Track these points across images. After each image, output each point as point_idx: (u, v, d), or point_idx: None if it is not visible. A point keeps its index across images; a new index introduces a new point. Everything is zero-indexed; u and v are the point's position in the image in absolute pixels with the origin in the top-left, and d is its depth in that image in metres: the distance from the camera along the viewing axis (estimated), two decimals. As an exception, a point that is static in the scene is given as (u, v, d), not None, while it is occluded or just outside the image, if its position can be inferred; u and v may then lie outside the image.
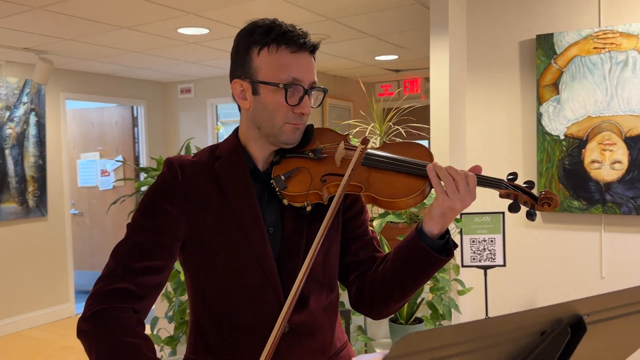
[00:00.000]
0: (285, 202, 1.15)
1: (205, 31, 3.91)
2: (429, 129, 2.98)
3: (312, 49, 1.15)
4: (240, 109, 1.20)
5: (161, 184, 1.16)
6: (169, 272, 1.17)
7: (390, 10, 3.52)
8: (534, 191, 1.13)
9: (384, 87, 6.81)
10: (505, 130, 3.04)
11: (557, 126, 2.88)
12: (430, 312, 2.57)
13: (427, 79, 6.71)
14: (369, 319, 2.69)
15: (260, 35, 1.12)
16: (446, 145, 2.93)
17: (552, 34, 2.86)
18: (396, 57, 5.13)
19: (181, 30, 3.88)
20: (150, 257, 1.11)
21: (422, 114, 3.33)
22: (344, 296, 1.54)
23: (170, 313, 2.14)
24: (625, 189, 2.72)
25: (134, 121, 6.37)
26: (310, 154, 1.17)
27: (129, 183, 6.27)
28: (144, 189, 2.62)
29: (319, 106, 1.19)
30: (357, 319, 2.65)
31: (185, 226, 1.14)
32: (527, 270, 3.00)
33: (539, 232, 2.94)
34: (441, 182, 1.06)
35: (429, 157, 1.14)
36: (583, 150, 2.81)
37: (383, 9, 3.48)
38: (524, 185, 1.11)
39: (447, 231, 1.12)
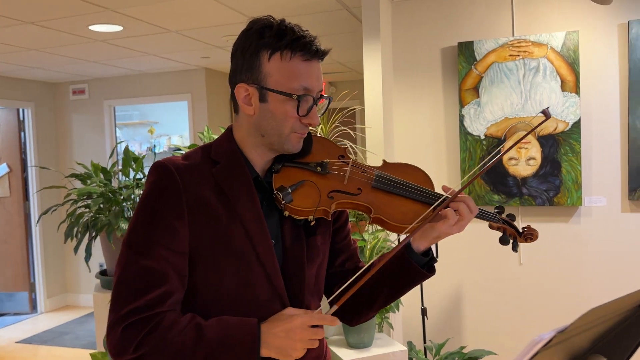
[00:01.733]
0: (286, 213, 1.11)
1: (118, 28, 3.68)
2: (364, 129, 3.09)
3: (323, 56, 1.11)
4: (236, 111, 1.14)
5: (159, 194, 1.05)
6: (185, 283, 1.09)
7: (317, 15, 3.58)
8: (515, 223, 1.27)
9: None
10: (430, 131, 3.24)
11: (478, 127, 3.13)
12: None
13: (331, 83, 6.90)
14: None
15: (272, 38, 1.06)
16: (381, 147, 3.05)
17: (472, 42, 3.11)
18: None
19: (93, 27, 3.62)
20: (165, 280, 1.03)
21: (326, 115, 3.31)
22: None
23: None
24: (539, 182, 3.04)
25: (21, 125, 5.80)
26: (318, 168, 1.14)
27: (16, 193, 5.70)
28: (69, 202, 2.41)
29: (323, 114, 1.19)
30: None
31: (191, 240, 1.06)
32: (457, 262, 3.22)
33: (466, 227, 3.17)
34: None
35: (429, 182, 1.20)
36: (501, 149, 3.09)
37: (310, 12, 3.53)
38: (507, 218, 1.24)
39: (430, 249, 1.17)
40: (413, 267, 1.13)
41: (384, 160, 1.24)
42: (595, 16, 2.93)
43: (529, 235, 1.23)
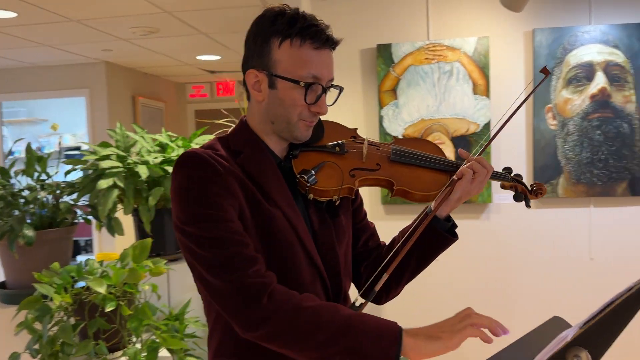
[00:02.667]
0: (311, 196, 1.12)
1: (12, 15, 3.32)
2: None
3: (334, 45, 1.11)
4: (249, 99, 1.15)
5: (206, 181, 1.02)
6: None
7: (232, 10, 3.47)
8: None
9: (195, 87, 6.64)
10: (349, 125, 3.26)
11: (396, 127, 3.20)
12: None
13: (240, 82, 6.78)
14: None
15: (284, 25, 1.05)
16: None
17: (390, 44, 3.17)
18: (219, 57, 5.06)
19: (-20, 12, 3.24)
20: (248, 245, 1.03)
21: (235, 115, 3.20)
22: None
23: (36, 346, 1.79)
24: (453, 181, 3.16)
25: None
26: (336, 148, 1.17)
27: None
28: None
29: (333, 104, 1.17)
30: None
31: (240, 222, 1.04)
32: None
33: (385, 223, 3.23)
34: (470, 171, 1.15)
35: (442, 152, 1.25)
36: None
37: (225, 7, 3.41)
38: (517, 177, 1.31)
39: (450, 215, 1.22)
40: (439, 233, 1.18)
41: (395, 137, 1.27)
42: (504, 23, 3.11)
43: (539, 190, 1.31)
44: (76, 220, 2.26)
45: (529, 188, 1.32)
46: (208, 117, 3.02)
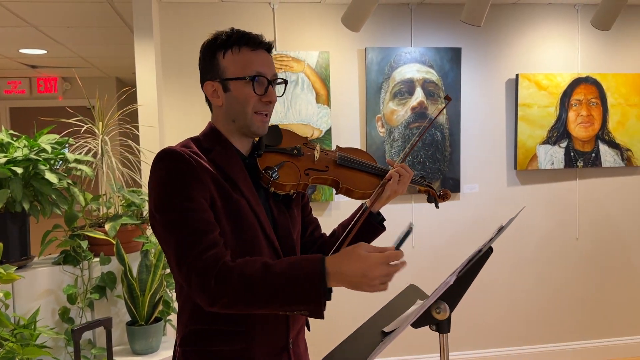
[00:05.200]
0: (272, 189, 1.33)
1: None
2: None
3: (268, 47, 1.32)
4: (211, 109, 1.36)
5: (180, 173, 1.20)
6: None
7: (75, 4, 3.30)
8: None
9: (11, 83, 5.98)
10: (201, 128, 3.33)
11: (246, 131, 3.36)
12: (163, 307, 2.64)
13: (65, 79, 6.27)
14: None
15: (223, 41, 1.29)
16: (157, 145, 3.01)
17: (240, 52, 3.31)
18: (45, 51, 4.68)
19: None
20: (215, 227, 1.20)
21: (60, 114, 2.75)
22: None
23: None
24: (299, 182, 3.43)
25: None
26: (294, 151, 1.39)
27: None
28: None
29: (282, 95, 1.39)
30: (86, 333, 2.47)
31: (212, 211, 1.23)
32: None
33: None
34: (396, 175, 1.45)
35: (373, 159, 1.56)
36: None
37: (62, 1, 3.23)
38: (429, 183, 1.65)
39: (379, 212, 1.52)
40: (373, 225, 1.46)
41: (337, 146, 1.53)
42: (343, 41, 3.47)
43: (445, 195, 1.66)
44: None
45: (438, 193, 1.65)
46: (26, 116, 2.83)
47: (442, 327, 1.16)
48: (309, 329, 1.47)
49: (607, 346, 3.83)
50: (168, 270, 2.60)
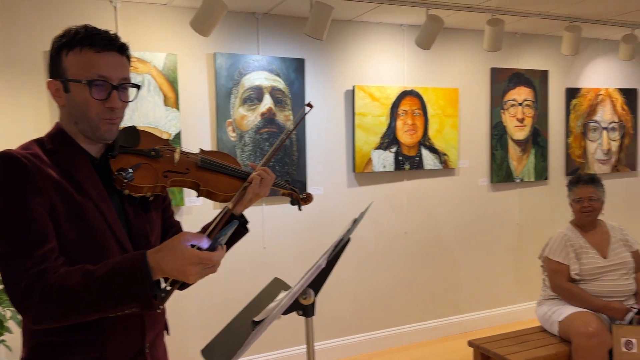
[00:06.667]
0: (126, 192, 1.28)
1: None
2: None
3: (120, 49, 1.27)
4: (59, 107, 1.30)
5: (13, 178, 1.15)
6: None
7: None
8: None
9: None
10: (33, 131, 3.07)
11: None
12: None
13: None
14: None
15: (68, 38, 1.24)
16: None
17: (80, 50, 3.14)
18: None
19: None
20: (47, 238, 1.16)
21: None
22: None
23: None
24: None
25: None
26: (152, 152, 1.35)
27: None
28: None
29: (134, 100, 1.32)
30: None
31: (50, 216, 1.17)
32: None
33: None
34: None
35: (237, 162, 1.54)
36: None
37: None
38: (293, 186, 1.68)
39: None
40: (236, 228, 1.43)
41: (200, 149, 1.50)
42: (191, 44, 3.47)
43: (308, 198, 1.72)
44: None
45: (302, 196, 1.71)
46: None
47: (308, 311, 1.30)
48: (168, 333, 1.48)
49: (439, 326, 4.37)
50: (1, 287, 2.38)
